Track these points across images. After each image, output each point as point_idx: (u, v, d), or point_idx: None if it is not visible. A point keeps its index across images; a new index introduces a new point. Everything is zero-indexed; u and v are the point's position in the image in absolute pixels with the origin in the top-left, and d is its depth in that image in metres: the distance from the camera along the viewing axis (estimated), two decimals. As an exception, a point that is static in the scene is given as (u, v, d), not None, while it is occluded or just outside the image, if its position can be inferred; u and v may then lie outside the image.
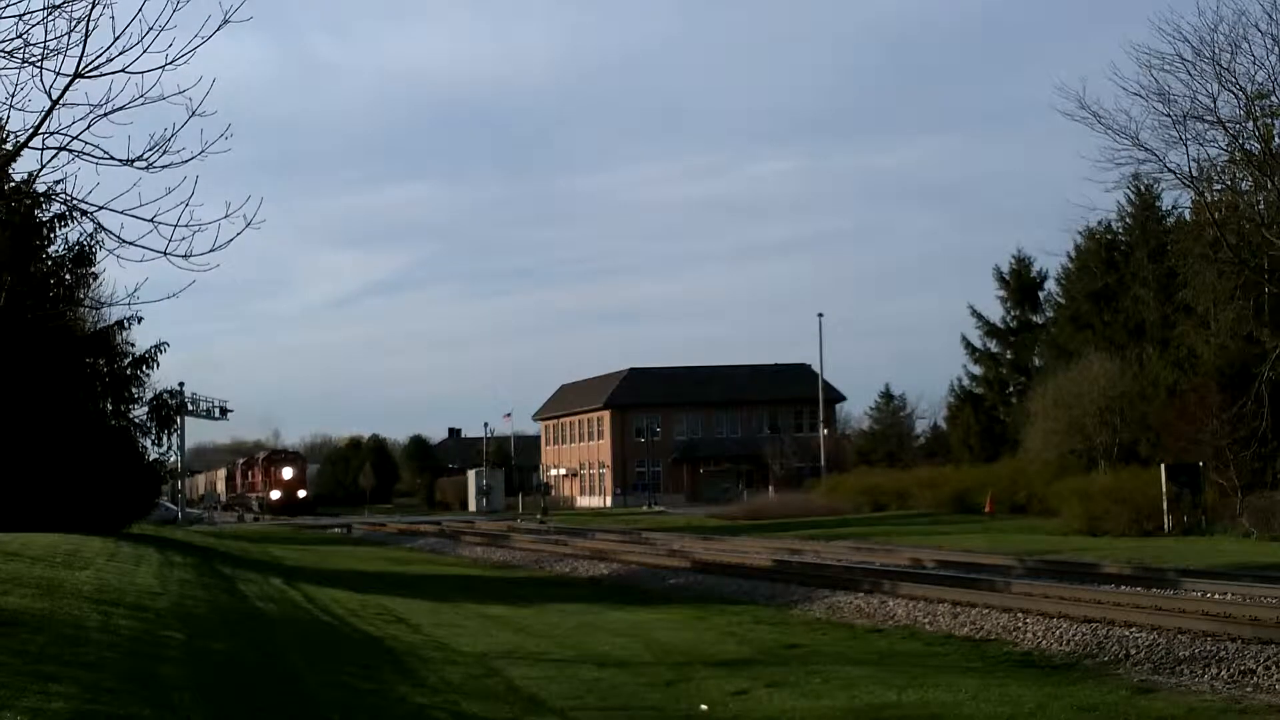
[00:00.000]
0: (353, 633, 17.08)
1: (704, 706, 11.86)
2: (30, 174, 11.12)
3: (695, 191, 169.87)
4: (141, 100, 9.75)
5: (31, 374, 30.70)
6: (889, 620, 18.46)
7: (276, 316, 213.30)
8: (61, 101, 9.85)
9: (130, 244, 10.16)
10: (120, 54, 9.56)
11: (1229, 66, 35.34)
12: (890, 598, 19.96)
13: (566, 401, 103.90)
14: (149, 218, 9.96)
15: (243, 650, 13.59)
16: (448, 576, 30.19)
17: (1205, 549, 30.98)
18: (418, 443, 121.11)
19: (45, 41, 9.74)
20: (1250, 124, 36.53)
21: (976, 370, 68.66)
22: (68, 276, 32.81)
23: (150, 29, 9.49)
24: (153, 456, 39.22)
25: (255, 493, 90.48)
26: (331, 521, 64.27)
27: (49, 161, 10.20)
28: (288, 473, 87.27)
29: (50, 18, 9.69)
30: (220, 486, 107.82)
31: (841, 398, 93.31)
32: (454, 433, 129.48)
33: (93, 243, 30.71)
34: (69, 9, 9.65)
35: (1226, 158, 37.58)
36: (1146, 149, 36.57)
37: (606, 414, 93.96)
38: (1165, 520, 38.04)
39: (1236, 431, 39.40)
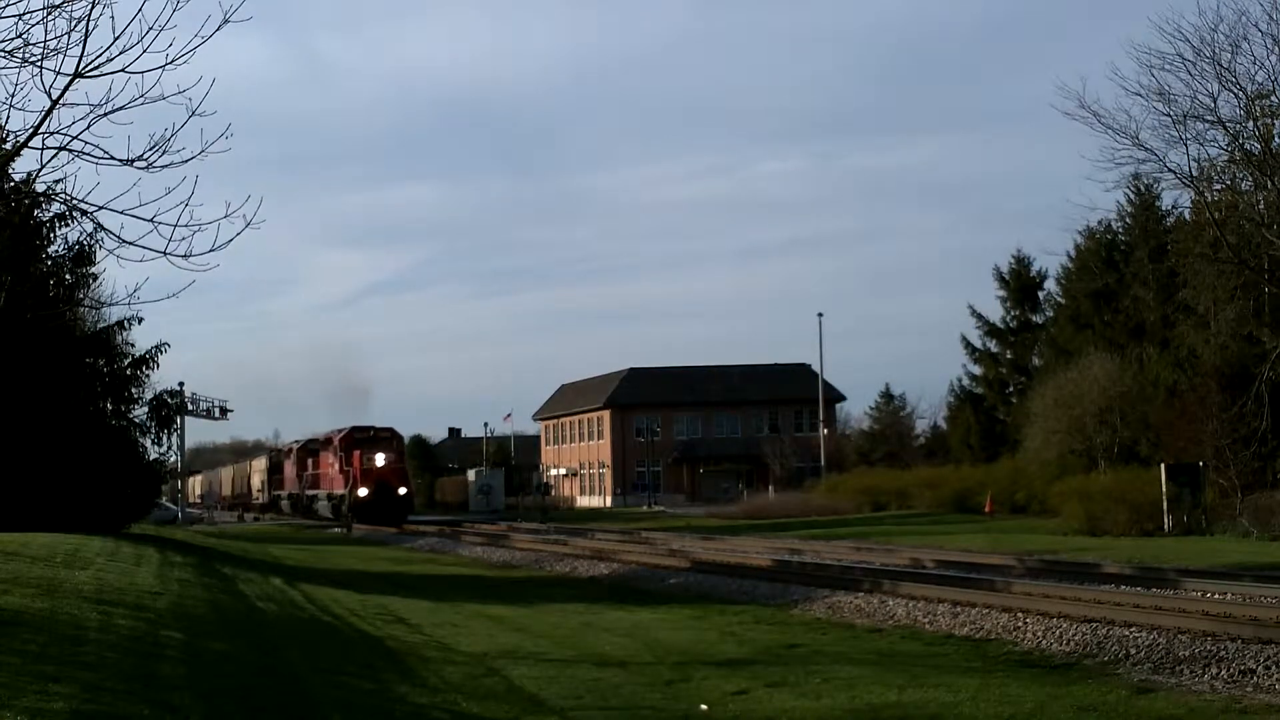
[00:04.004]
0: (353, 632, 17.08)
1: (704, 706, 11.86)
2: (30, 174, 11.12)
3: (696, 192, 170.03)
4: (141, 100, 9.76)
5: (31, 374, 30.71)
6: (889, 620, 18.46)
7: (278, 316, 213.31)
8: (61, 101, 9.86)
9: (130, 244, 10.17)
10: (120, 54, 9.57)
11: (1229, 66, 35.47)
12: (890, 597, 19.96)
13: (566, 401, 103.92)
14: (149, 218, 9.97)
15: (243, 650, 13.59)
16: (448, 576, 30.19)
17: (1205, 549, 30.96)
18: (417, 443, 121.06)
19: (45, 41, 9.75)
20: (1250, 124, 36.61)
21: (976, 370, 68.76)
22: (68, 276, 32.78)
23: (150, 29, 9.50)
24: (153, 456, 39.25)
25: (325, 488, 65.39)
26: (331, 521, 63.08)
27: (49, 161, 10.21)
28: (380, 459, 59.85)
29: (50, 18, 9.70)
30: (256, 481, 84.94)
31: (841, 398, 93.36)
32: (454, 433, 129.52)
33: (93, 243, 30.72)
34: (69, 9, 9.66)
35: (1226, 158, 37.70)
36: (1146, 149, 36.71)
37: (606, 414, 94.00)
38: (1165, 520, 38.03)
39: (1236, 431, 39.43)
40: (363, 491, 59.24)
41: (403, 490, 60.24)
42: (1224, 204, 38.85)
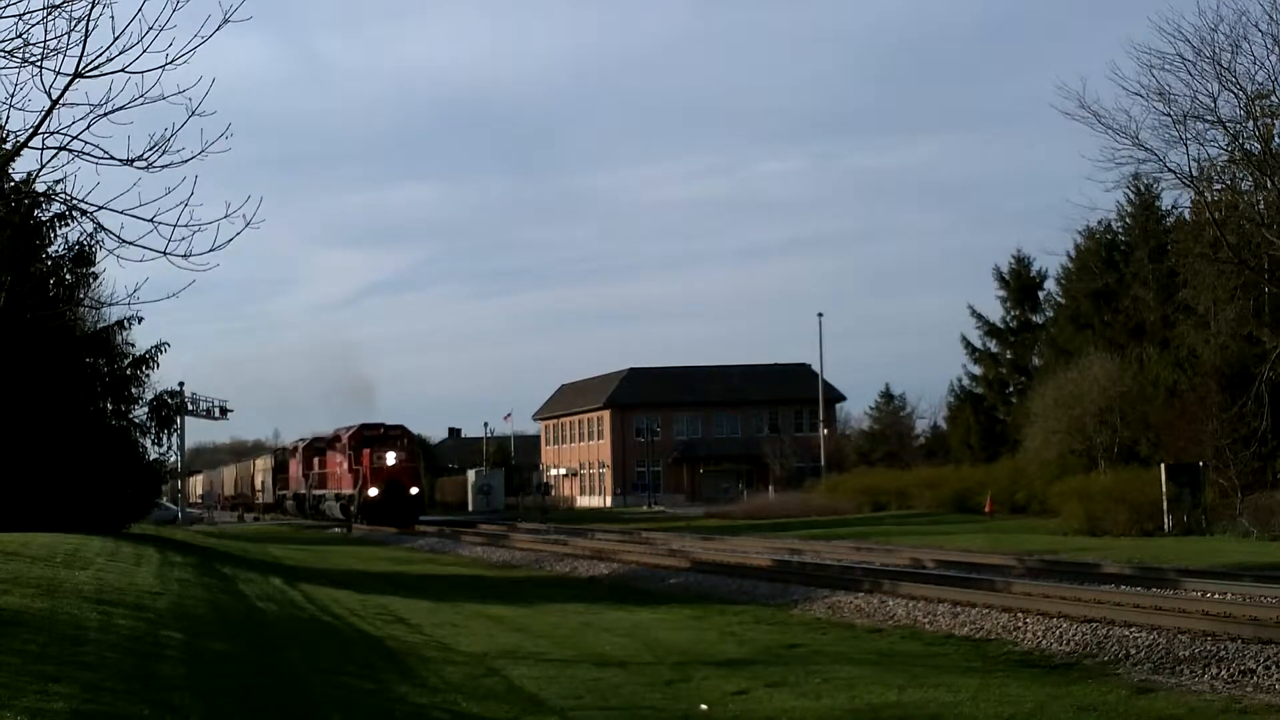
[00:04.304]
0: (353, 632, 17.08)
1: (704, 706, 11.86)
2: (30, 174, 11.12)
3: (697, 191, 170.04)
4: (141, 100, 9.77)
5: (31, 374, 30.72)
6: (889, 620, 18.46)
7: (278, 316, 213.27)
8: (61, 101, 9.87)
9: (130, 244, 10.18)
10: (120, 54, 9.58)
11: (1229, 66, 35.44)
12: (890, 597, 19.96)
13: (566, 401, 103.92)
14: (149, 218, 9.98)
15: (243, 650, 13.59)
16: (448, 576, 30.19)
17: (1205, 549, 30.96)
18: (417, 443, 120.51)
19: (45, 41, 9.76)
20: (1250, 124, 36.59)
21: (976, 370, 68.77)
22: (68, 276, 32.80)
23: (150, 29, 9.52)
24: (153, 456, 39.26)
25: (333, 487, 63.07)
26: (340, 521, 62.86)
27: (49, 161, 10.22)
28: (391, 458, 57.91)
29: (50, 18, 9.71)
30: (260, 481, 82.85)
31: (841, 398, 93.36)
32: (454, 432, 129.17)
33: (93, 243, 30.76)
34: (69, 9, 9.66)
35: (1226, 158, 37.66)
36: (1146, 149, 36.67)
37: (606, 414, 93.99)
38: (1165, 520, 38.03)
39: (1236, 431, 39.43)
40: (373, 491, 57.06)
41: (414, 490, 57.91)
42: (1224, 204, 38.82)
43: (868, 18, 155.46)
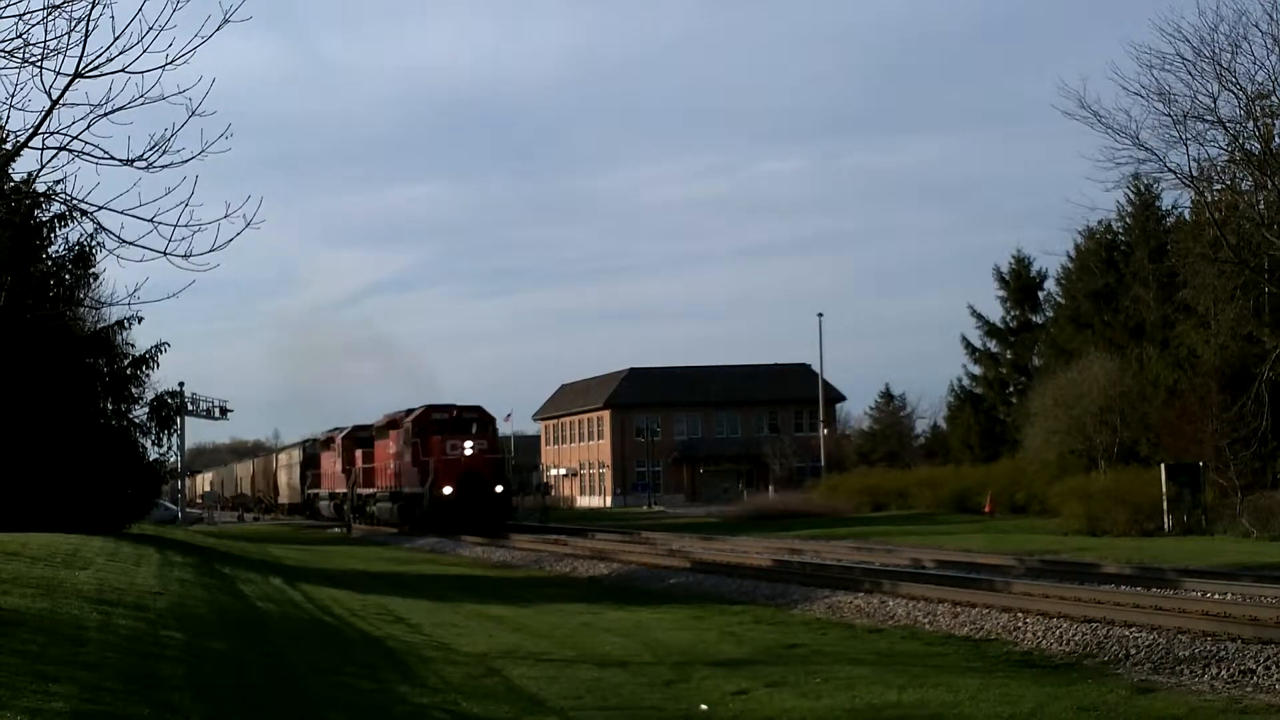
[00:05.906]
0: (353, 632, 17.08)
1: (704, 706, 11.87)
2: (30, 174, 11.15)
3: (697, 191, 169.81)
4: (141, 100, 9.78)
5: (31, 374, 30.73)
6: (889, 620, 18.46)
7: (278, 316, 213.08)
8: (61, 101, 9.88)
9: (130, 244, 10.20)
10: (120, 54, 9.60)
11: (1229, 66, 35.44)
12: (890, 598, 19.96)
13: (566, 401, 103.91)
14: (149, 218, 9.99)
15: (243, 650, 13.60)
16: (448, 576, 30.20)
17: (1205, 549, 30.96)
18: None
19: (45, 41, 9.77)
20: (1250, 124, 36.60)
21: (976, 370, 68.73)
22: (68, 277, 32.83)
23: (150, 29, 9.53)
24: (153, 456, 39.28)
25: (387, 484, 52.09)
26: (331, 521, 62.41)
27: (49, 161, 10.23)
28: (469, 447, 46.56)
29: (50, 18, 9.72)
30: (285, 478, 73.69)
31: (841, 398, 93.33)
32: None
33: (93, 243, 30.75)
34: (69, 9, 9.67)
35: (1226, 158, 37.67)
36: (1147, 148, 36.66)
37: (606, 414, 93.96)
38: (1165, 520, 38.03)
39: (1236, 431, 39.43)
40: (447, 490, 46.00)
41: (500, 488, 46.92)
42: (1224, 204, 38.81)
43: (868, 18, 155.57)
